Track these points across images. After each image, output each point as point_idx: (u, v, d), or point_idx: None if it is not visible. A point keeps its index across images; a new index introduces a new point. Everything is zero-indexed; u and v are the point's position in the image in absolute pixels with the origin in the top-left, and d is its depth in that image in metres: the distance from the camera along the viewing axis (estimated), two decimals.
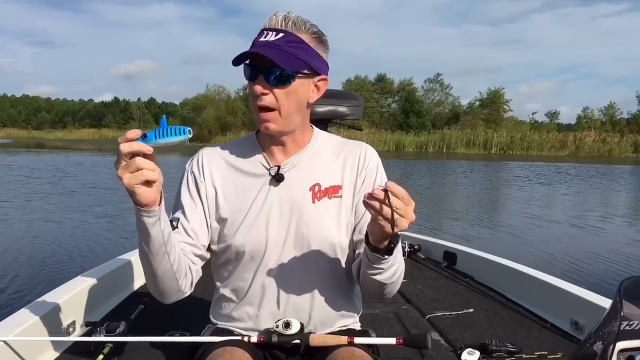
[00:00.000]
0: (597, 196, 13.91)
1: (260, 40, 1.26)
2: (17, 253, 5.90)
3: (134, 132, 1.06)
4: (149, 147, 1.05)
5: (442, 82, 53.74)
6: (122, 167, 1.05)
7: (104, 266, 2.56)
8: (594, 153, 38.13)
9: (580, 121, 55.89)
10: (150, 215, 1.12)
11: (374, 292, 1.33)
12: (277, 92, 1.27)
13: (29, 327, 1.75)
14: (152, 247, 1.18)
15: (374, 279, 1.26)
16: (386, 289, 1.30)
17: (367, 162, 1.40)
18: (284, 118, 1.30)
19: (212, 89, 53.10)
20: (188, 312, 1.97)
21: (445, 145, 39.50)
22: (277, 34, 1.25)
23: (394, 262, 1.23)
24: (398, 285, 1.33)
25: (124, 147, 1.04)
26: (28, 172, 16.47)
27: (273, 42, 1.24)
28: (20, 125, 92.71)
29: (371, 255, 1.20)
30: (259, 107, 1.28)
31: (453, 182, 16.51)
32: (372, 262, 1.22)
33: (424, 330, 2.26)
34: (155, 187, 1.09)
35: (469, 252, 3.26)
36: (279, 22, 1.27)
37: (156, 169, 1.07)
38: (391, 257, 1.21)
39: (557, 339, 2.18)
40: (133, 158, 1.05)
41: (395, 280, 1.29)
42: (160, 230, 1.16)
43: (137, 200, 1.09)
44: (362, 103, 2.75)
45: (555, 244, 7.23)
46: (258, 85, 1.25)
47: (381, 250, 1.18)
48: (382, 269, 1.23)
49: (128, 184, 1.06)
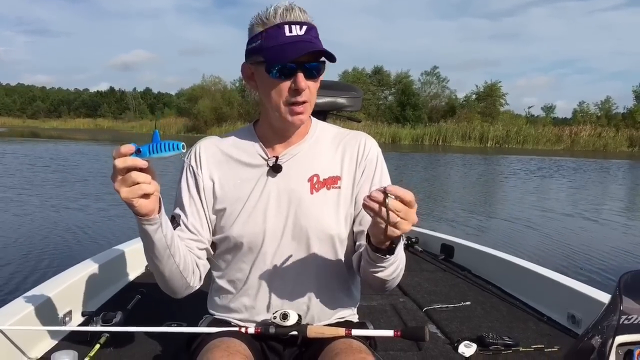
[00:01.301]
0: (594, 190, 13.98)
1: (289, 35, 1.23)
2: (13, 242, 5.89)
3: (127, 147, 1.05)
4: (144, 162, 1.05)
5: (439, 75, 53.62)
6: (118, 182, 1.06)
7: (100, 256, 2.55)
8: (589, 147, 38.24)
9: (576, 115, 55.93)
10: (151, 223, 1.14)
11: (375, 286, 1.32)
12: (312, 85, 1.28)
13: (25, 317, 1.75)
14: (156, 251, 1.20)
15: (375, 276, 1.25)
16: (387, 284, 1.30)
17: (366, 153, 1.39)
18: (312, 107, 1.32)
19: (208, 80, 52.81)
20: (185, 302, 1.95)
21: (441, 138, 39.52)
22: (301, 27, 1.24)
23: (395, 260, 1.22)
24: (398, 279, 1.32)
25: (118, 163, 1.04)
26: (23, 161, 16.39)
27: (306, 37, 1.23)
28: (15, 114, 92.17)
29: (373, 255, 1.19)
30: (296, 102, 1.26)
31: (449, 175, 16.54)
32: (374, 261, 1.20)
33: (421, 323, 2.26)
34: (154, 197, 1.10)
35: (466, 245, 3.26)
36: (297, 13, 1.25)
37: (152, 182, 1.08)
38: (393, 256, 1.19)
39: (554, 332, 2.19)
40: (129, 172, 1.05)
41: (396, 275, 1.28)
42: (163, 235, 1.18)
43: (137, 212, 1.10)
44: (361, 95, 2.74)
45: (552, 237, 7.26)
46: (301, 83, 1.24)
47: (383, 250, 1.17)
48: (383, 267, 1.21)
49: (126, 198, 1.07)
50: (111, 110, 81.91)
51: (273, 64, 1.24)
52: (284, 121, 1.30)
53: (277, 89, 1.26)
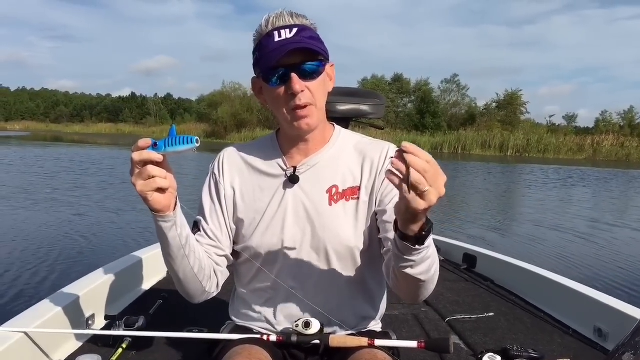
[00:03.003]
0: (619, 201, 13.73)
1: (277, 40, 1.22)
2: (38, 245, 5.95)
3: (144, 140, 1.08)
4: (159, 155, 1.08)
5: (459, 83, 53.32)
6: (135, 175, 1.08)
7: (123, 260, 2.57)
8: (611, 157, 37.63)
9: (599, 125, 55.18)
10: (166, 220, 1.15)
11: (407, 291, 1.23)
12: (311, 85, 1.25)
13: (50, 319, 1.76)
14: (170, 250, 1.21)
15: (405, 274, 1.13)
16: (421, 287, 1.19)
17: (385, 159, 1.35)
18: (319, 110, 1.30)
19: (228, 86, 53.23)
20: (206, 308, 1.96)
21: (460, 147, 39.24)
22: (291, 30, 1.23)
23: (426, 255, 1.11)
24: (433, 284, 1.23)
25: (135, 156, 1.07)
26: (46, 165, 16.66)
27: (295, 39, 1.22)
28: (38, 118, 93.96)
29: (401, 244, 1.08)
30: (297, 106, 1.25)
31: (469, 184, 16.38)
32: (403, 253, 1.09)
33: (443, 334, 2.23)
34: (169, 194, 1.12)
35: (489, 254, 3.21)
36: (286, 18, 1.25)
37: (168, 176, 1.10)
38: (423, 248, 1.08)
39: (580, 346, 2.14)
40: (145, 166, 1.07)
41: (429, 278, 1.18)
42: (177, 234, 1.18)
43: (151, 206, 1.12)
44: (384, 102, 2.73)
45: (575, 248, 7.12)
46: (295, 85, 1.22)
47: (411, 239, 1.06)
48: (413, 262, 1.10)
49: (141, 191, 1.09)
50: (132, 116, 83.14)
51: (264, 71, 1.25)
52: (292, 128, 1.30)
53: (277, 96, 1.26)
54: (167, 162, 1.10)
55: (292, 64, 1.22)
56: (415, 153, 0.96)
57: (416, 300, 1.27)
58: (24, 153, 22.24)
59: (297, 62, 1.23)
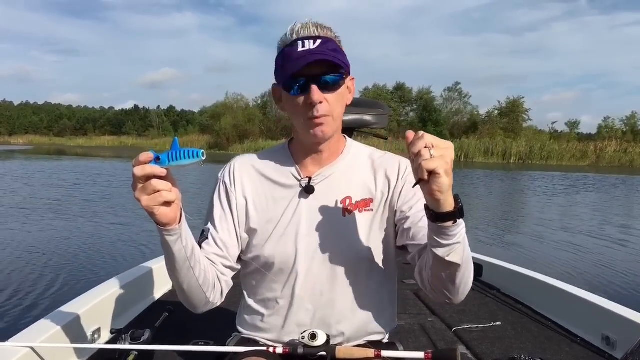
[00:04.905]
0: (624, 207, 13.67)
1: (300, 50, 1.23)
2: (42, 260, 5.96)
3: (146, 155, 1.05)
4: (162, 170, 1.05)
5: (461, 91, 53.57)
6: (139, 190, 1.05)
7: (128, 273, 2.57)
8: (615, 163, 37.54)
9: (601, 131, 55.07)
10: (172, 234, 1.13)
11: (445, 284, 1.19)
12: (330, 97, 1.26)
13: (55, 334, 1.76)
14: (175, 263, 1.19)
15: (446, 262, 1.11)
16: (458, 274, 1.16)
17: (402, 172, 1.36)
18: (335, 121, 1.30)
19: (230, 97, 53.45)
20: (213, 320, 1.96)
21: (463, 154, 39.20)
22: (315, 41, 1.24)
23: (461, 236, 1.10)
24: (470, 276, 1.20)
25: (137, 171, 1.04)
26: (50, 179, 16.71)
27: (318, 50, 1.23)
28: (42, 132, 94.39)
29: (434, 226, 1.08)
30: (314, 117, 1.25)
31: (473, 191, 16.34)
32: (437, 236, 1.09)
33: (450, 344, 2.22)
34: (175, 206, 1.10)
35: (494, 263, 3.20)
36: (311, 29, 1.26)
37: (173, 189, 1.08)
38: (457, 227, 1.08)
39: (588, 355, 2.12)
40: (148, 180, 1.05)
41: (466, 267, 1.15)
42: (183, 246, 1.17)
43: (157, 220, 1.10)
44: (388, 112, 2.73)
45: (582, 255, 7.09)
46: (315, 96, 1.23)
47: (444, 216, 1.06)
48: (450, 245, 1.09)
49: (147, 206, 1.06)
50: (135, 128, 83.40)
51: (285, 80, 1.26)
52: (307, 136, 1.30)
53: (296, 105, 1.27)
54: (171, 173, 1.08)
55: (313, 75, 1.23)
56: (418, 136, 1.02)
57: (455, 294, 1.22)
58: (28, 167, 22.31)
59: (317, 74, 1.23)
